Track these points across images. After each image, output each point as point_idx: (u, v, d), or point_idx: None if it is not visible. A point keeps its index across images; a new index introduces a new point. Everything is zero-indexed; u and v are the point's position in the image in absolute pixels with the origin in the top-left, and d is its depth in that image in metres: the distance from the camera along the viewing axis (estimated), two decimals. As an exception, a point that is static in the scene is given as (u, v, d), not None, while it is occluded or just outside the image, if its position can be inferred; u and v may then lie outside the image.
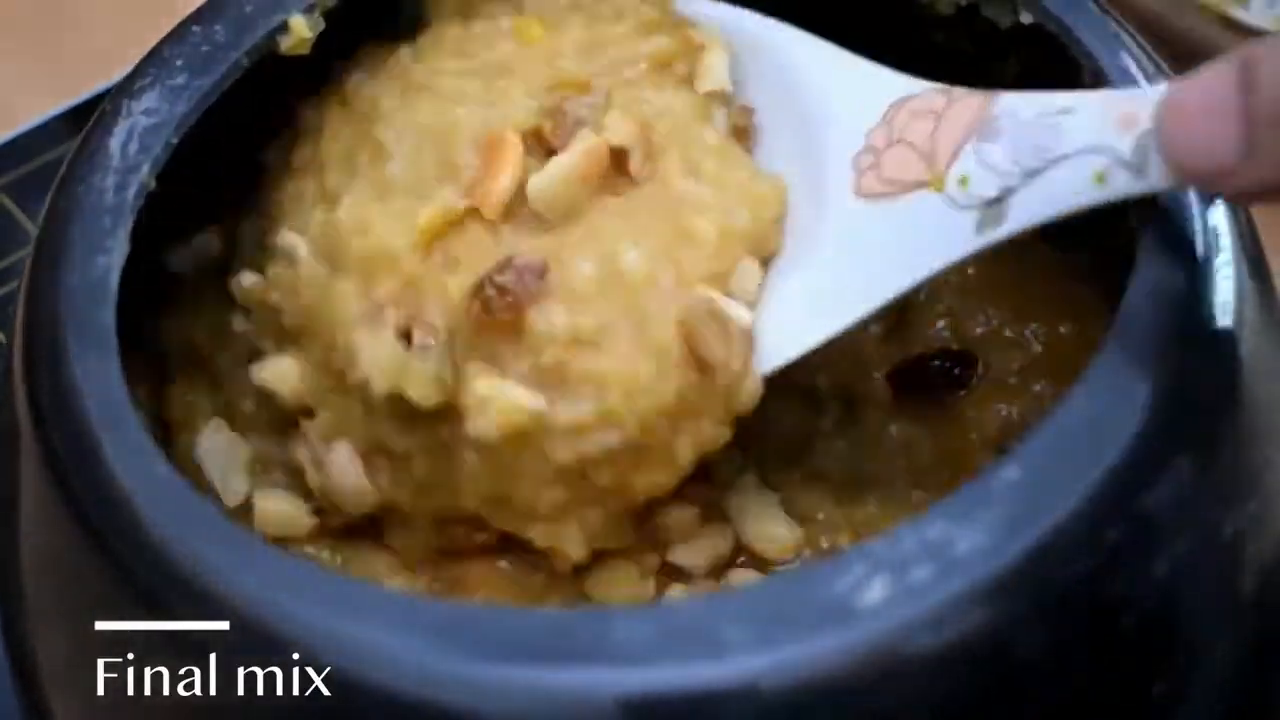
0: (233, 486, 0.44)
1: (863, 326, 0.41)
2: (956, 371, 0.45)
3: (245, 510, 0.43)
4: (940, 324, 0.46)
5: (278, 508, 0.43)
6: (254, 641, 0.35)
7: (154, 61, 0.44)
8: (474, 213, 0.41)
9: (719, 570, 0.43)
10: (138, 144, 0.42)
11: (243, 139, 0.46)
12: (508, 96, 0.43)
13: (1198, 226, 0.39)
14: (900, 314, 0.46)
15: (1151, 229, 0.39)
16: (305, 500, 0.43)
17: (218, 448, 0.44)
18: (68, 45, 0.68)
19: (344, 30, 0.45)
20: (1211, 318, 0.38)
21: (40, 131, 0.63)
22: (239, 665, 0.35)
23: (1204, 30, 0.58)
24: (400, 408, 0.40)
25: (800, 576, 0.35)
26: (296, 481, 0.43)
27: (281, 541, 0.43)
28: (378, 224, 0.42)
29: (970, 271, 0.47)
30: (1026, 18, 0.44)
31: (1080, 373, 0.37)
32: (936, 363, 0.45)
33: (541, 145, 0.42)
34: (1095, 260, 0.46)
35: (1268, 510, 0.39)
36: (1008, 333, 0.46)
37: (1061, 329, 0.45)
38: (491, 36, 0.45)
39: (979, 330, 0.46)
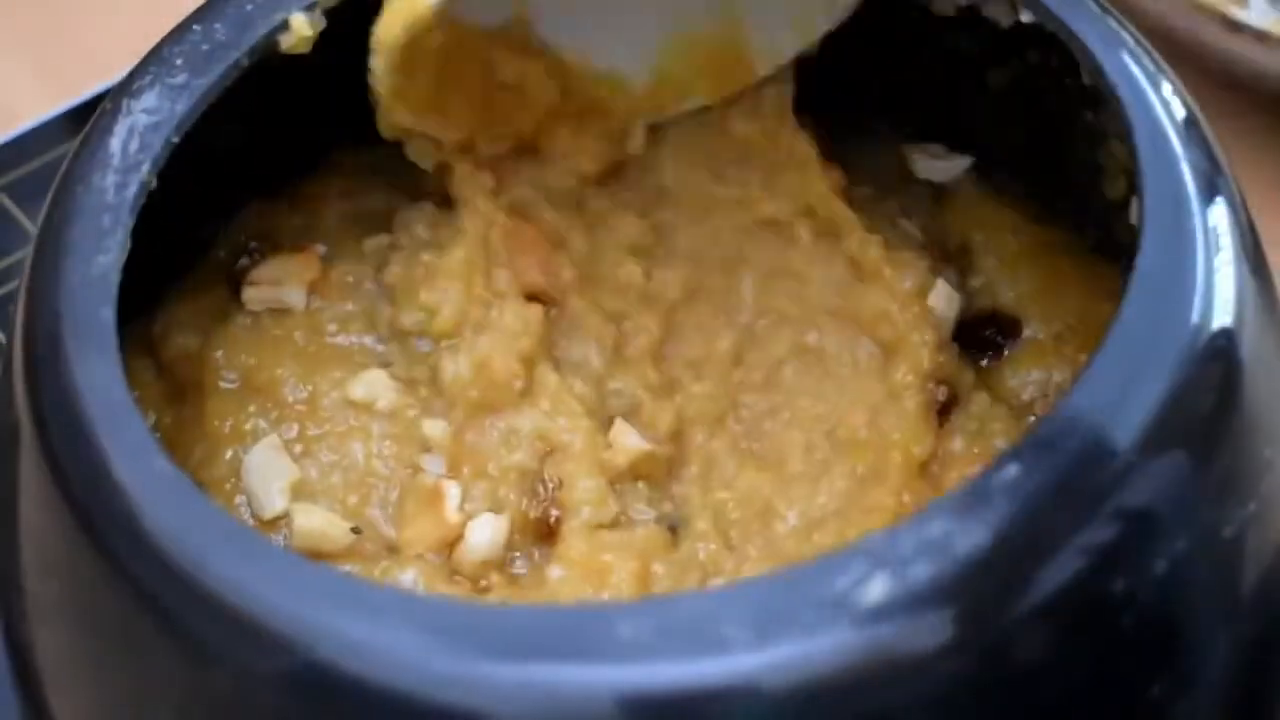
0: (272, 501, 0.43)
1: None
2: (999, 338, 0.46)
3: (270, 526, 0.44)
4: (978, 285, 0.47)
5: (316, 523, 0.43)
6: (254, 641, 0.35)
7: (154, 61, 0.44)
8: None
9: None
10: (138, 143, 0.42)
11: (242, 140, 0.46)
12: None
13: (1198, 226, 0.39)
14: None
15: (1151, 228, 0.39)
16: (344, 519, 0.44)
17: (267, 463, 0.44)
18: (68, 45, 0.68)
19: (347, 29, 0.45)
20: (1211, 317, 0.38)
21: (40, 131, 0.63)
22: (239, 665, 0.35)
23: (1204, 30, 0.58)
24: None
25: (800, 575, 0.35)
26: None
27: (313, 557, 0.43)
28: None
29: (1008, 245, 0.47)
30: (1026, 17, 0.44)
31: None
32: (974, 328, 0.46)
33: None
34: (1105, 246, 0.46)
35: (1267, 510, 0.39)
36: (1044, 301, 0.46)
37: (1091, 304, 0.46)
38: None
39: (1014, 299, 0.47)
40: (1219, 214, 0.40)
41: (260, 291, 0.47)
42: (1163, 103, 0.41)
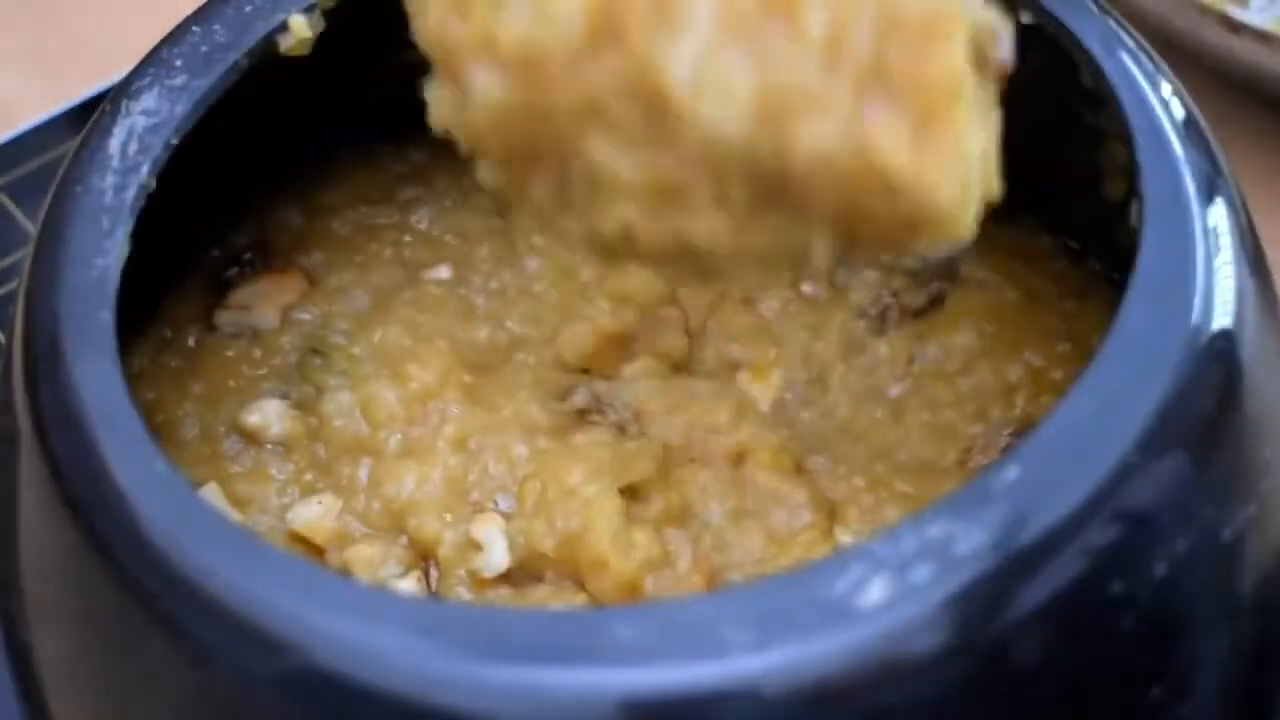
0: None
1: None
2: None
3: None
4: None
5: None
6: (254, 641, 0.35)
7: (154, 61, 0.44)
8: None
9: None
10: (137, 144, 0.42)
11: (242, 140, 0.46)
12: None
13: (1198, 226, 0.39)
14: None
15: (1151, 229, 0.39)
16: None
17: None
18: (68, 45, 0.68)
19: (345, 31, 0.45)
20: (1211, 318, 0.38)
21: (40, 131, 0.63)
22: (239, 665, 0.35)
23: (1204, 30, 0.58)
24: None
25: (800, 576, 0.35)
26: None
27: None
28: None
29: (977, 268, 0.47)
30: (1026, 18, 0.44)
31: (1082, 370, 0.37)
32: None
33: None
34: (1104, 248, 0.46)
35: (1267, 511, 0.39)
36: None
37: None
38: None
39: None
40: (1219, 214, 0.40)
41: (231, 315, 0.47)
42: (1163, 103, 0.41)
